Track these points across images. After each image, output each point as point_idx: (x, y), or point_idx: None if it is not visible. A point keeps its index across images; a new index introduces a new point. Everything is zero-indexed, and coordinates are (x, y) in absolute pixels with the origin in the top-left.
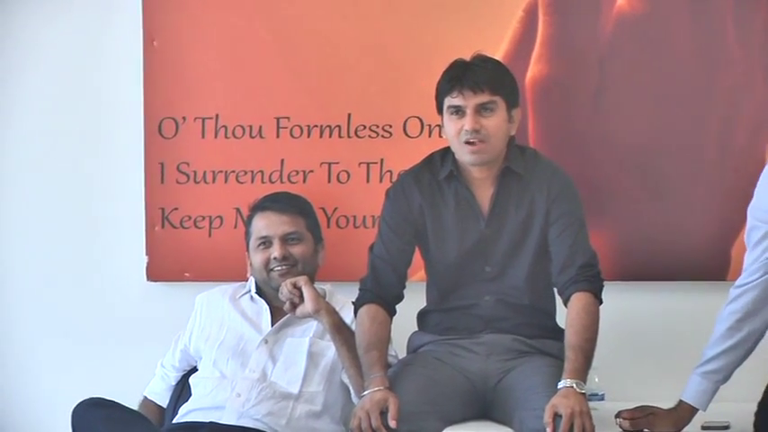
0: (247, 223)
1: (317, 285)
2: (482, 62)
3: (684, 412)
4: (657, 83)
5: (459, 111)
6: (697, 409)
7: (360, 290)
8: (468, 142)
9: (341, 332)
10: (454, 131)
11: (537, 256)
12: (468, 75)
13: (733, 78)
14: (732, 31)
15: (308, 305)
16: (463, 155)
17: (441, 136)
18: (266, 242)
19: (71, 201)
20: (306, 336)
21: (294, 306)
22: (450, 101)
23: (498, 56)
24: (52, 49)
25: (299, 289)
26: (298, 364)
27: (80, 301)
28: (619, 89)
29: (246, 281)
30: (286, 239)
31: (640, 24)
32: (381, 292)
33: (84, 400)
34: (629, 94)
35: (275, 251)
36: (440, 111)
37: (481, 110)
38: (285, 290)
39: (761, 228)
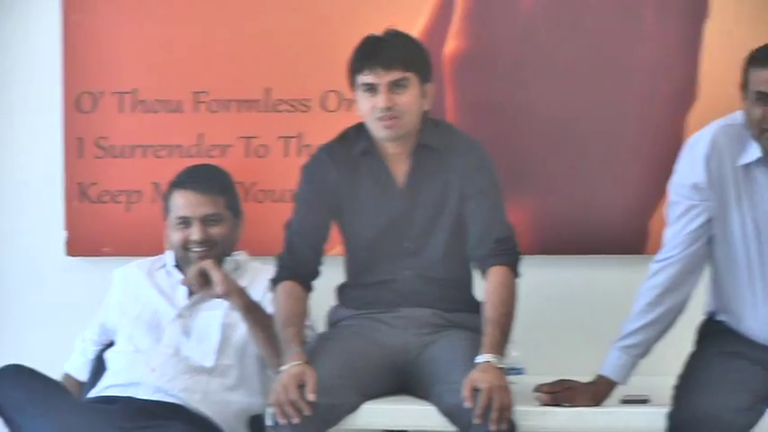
0: (166, 197)
1: (229, 258)
2: (393, 38)
3: (603, 386)
4: (577, 57)
5: (371, 88)
6: (616, 383)
7: (276, 266)
8: (381, 119)
9: (251, 312)
10: (368, 108)
11: (454, 230)
12: (380, 52)
13: (652, 52)
14: (651, 5)
15: (216, 289)
16: (377, 130)
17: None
18: (185, 222)
19: None
20: (219, 308)
21: (200, 288)
22: (362, 78)
23: (416, 30)
24: None
25: (206, 274)
26: (211, 338)
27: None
28: (538, 63)
29: (164, 254)
30: (205, 220)
31: None
32: (298, 269)
33: (3, 367)
34: (548, 68)
35: (195, 233)
36: (353, 87)
37: (394, 87)
38: (190, 276)
39: (681, 203)
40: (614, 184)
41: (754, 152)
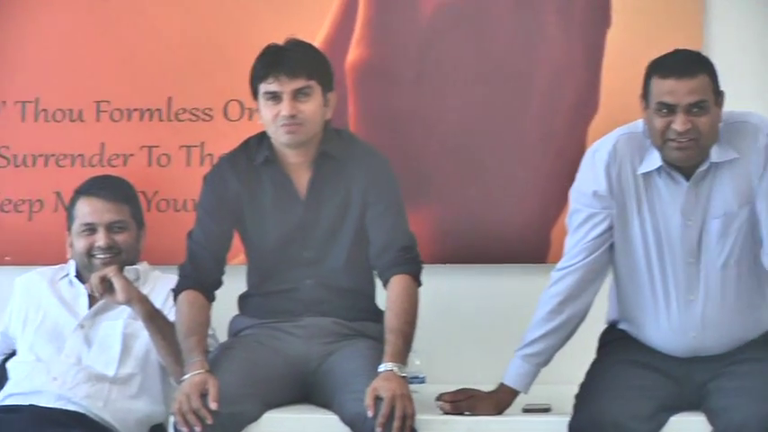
0: (70, 206)
1: (130, 267)
2: (296, 47)
3: (505, 395)
4: (478, 65)
5: (275, 96)
6: (518, 392)
7: (179, 276)
8: (284, 125)
9: (153, 320)
10: (271, 117)
11: (355, 239)
12: (284, 60)
13: (554, 61)
14: (554, 15)
15: (119, 296)
16: (280, 137)
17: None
18: (91, 229)
19: None
20: (120, 318)
21: (102, 294)
22: (266, 86)
23: (318, 39)
24: None
25: (109, 281)
26: (112, 348)
27: None
28: (440, 72)
29: (66, 263)
30: (111, 228)
31: (461, 7)
32: (200, 278)
33: None
34: (449, 78)
35: (100, 240)
36: (255, 96)
37: (298, 95)
38: (94, 281)
39: (582, 211)
40: (516, 194)
41: (654, 161)
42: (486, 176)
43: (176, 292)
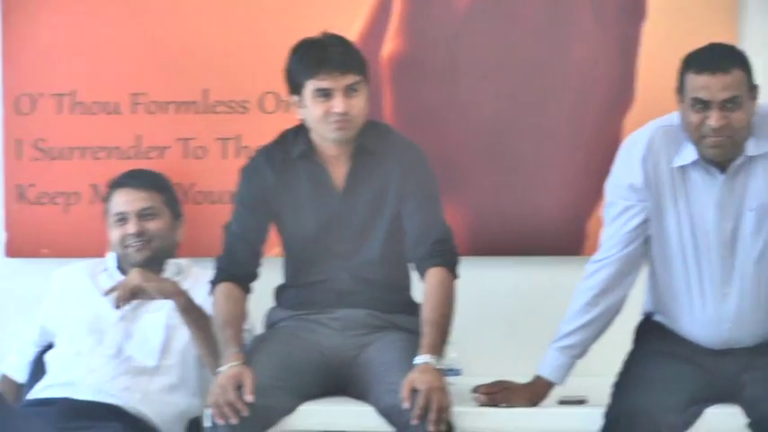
0: (106, 199)
1: (172, 261)
2: (338, 42)
3: (541, 387)
4: (512, 58)
5: (326, 93)
6: (553, 384)
7: (215, 268)
8: (336, 122)
9: (190, 313)
10: (321, 113)
11: (391, 231)
12: (334, 56)
13: (588, 53)
14: (588, 7)
15: (156, 296)
16: (329, 132)
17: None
18: (123, 218)
19: None
20: (162, 309)
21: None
22: (317, 83)
23: (353, 32)
24: None
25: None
26: (154, 339)
27: None
28: (474, 65)
29: (104, 257)
30: (142, 215)
31: (495, 0)
32: (236, 271)
33: None
34: (483, 70)
35: (130, 227)
36: (296, 92)
37: (348, 91)
38: (121, 295)
39: (618, 204)
40: (551, 186)
41: (689, 154)
42: (521, 168)
43: (213, 284)
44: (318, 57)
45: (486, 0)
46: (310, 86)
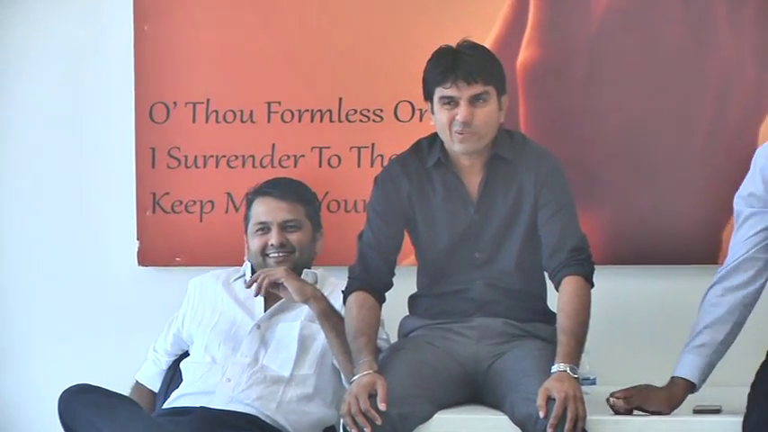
0: (247, 207)
1: (309, 271)
2: (472, 50)
3: (678, 388)
4: (648, 66)
5: (452, 101)
6: (691, 385)
7: (348, 278)
8: (459, 132)
9: (329, 318)
10: (446, 121)
11: (526, 240)
12: (461, 65)
13: (724, 61)
14: (724, 14)
15: (295, 297)
16: (453, 144)
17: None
18: (264, 228)
19: (63, 187)
20: (297, 320)
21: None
22: (443, 91)
23: (489, 39)
24: (45, 36)
25: (279, 284)
26: (289, 348)
27: (72, 286)
28: (610, 73)
29: (239, 265)
30: (284, 226)
31: (631, 7)
32: (370, 280)
33: (71, 387)
34: (619, 78)
35: (273, 238)
36: (428, 98)
37: (474, 100)
38: (264, 283)
39: (742, 211)
40: (687, 194)
41: None
42: (656, 177)
43: (346, 293)
44: (447, 65)
45: (621, 7)
46: (438, 93)
